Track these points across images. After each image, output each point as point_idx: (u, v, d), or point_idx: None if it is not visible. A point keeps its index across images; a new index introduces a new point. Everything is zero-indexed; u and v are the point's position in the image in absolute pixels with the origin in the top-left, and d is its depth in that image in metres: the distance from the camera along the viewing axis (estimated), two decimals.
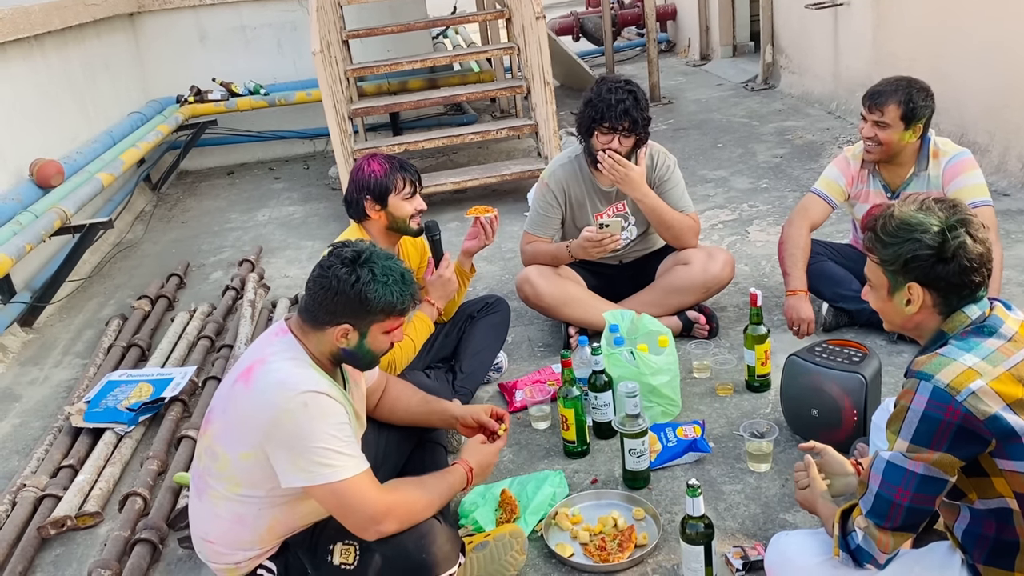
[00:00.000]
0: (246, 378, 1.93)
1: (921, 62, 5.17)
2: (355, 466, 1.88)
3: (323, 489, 1.86)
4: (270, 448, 1.87)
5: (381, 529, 1.91)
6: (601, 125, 3.14)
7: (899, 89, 3.02)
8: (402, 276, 1.98)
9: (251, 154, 7.48)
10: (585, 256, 3.24)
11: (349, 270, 1.93)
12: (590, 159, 3.27)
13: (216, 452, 1.96)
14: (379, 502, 1.90)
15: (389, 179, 2.78)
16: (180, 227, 5.93)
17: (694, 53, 9.56)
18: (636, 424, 2.46)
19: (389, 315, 1.97)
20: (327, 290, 1.93)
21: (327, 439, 1.86)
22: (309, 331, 1.99)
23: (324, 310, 1.95)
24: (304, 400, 1.86)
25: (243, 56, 7.11)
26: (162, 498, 2.72)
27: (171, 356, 3.74)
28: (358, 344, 1.98)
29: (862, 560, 1.79)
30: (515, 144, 6.61)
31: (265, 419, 1.86)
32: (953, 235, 1.70)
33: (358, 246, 2.00)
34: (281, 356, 1.94)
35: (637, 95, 3.16)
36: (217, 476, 1.96)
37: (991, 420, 1.61)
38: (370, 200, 2.79)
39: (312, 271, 2.00)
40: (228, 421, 1.95)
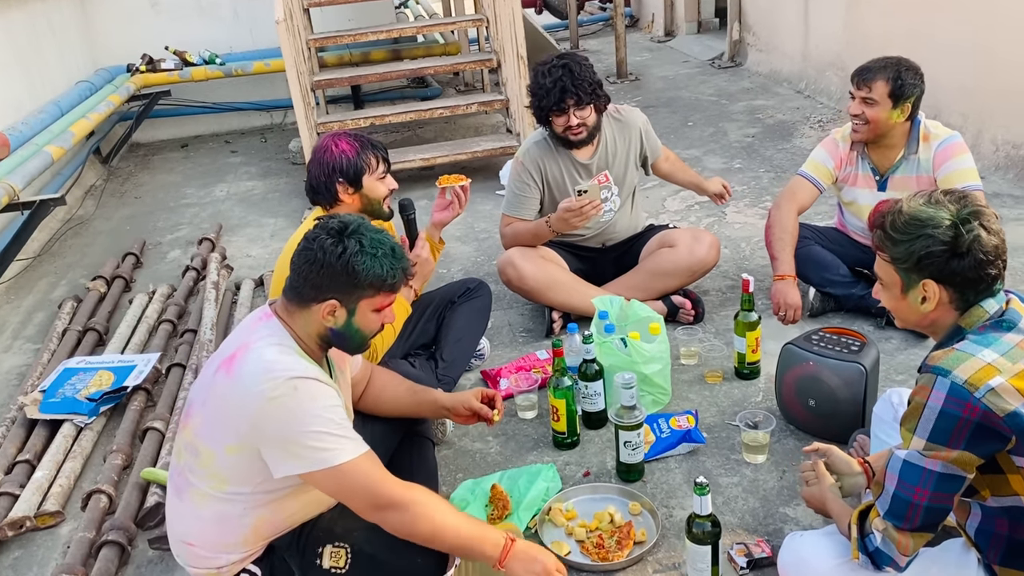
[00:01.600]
0: (228, 367, 1.80)
1: (895, 42, 5.14)
2: (354, 448, 1.77)
3: (322, 474, 1.75)
4: (259, 439, 1.76)
5: (384, 517, 1.80)
6: (550, 111, 3.09)
7: (888, 66, 2.97)
8: (392, 250, 1.85)
9: (206, 126, 7.21)
10: (567, 228, 3.11)
11: (336, 241, 1.80)
12: (559, 141, 3.20)
13: (198, 447, 1.83)
14: (383, 489, 1.79)
15: (361, 159, 2.56)
16: (134, 203, 5.67)
17: (658, 29, 9.47)
18: (632, 416, 2.38)
19: (379, 290, 1.84)
20: (312, 263, 1.80)
21: (320, 422, 1.75)
22: (295, 311, 1.86)
23: (310, 284, 1.82)
24: (293, 385, 1.74)
25: (198, 24, 6.81)
26: (129, 495, 2.56)
27: (131, 341, 3.55)
28: (346, 322, 1.85)
29: (882, 563, 1.73)
30: (483, 120, 6.46)
31: (252, 409, 1.74)
32: (967, 228, 1.64)
33: (346, 218, 1.86)
34: (266, 342, 1.81)
35: (572, 67, 3.05)
36: (200, 473, 1.83)
37: (1011, 417, 1.56)
38: (343, 183, 2.57)
39: (298, 244, 1.86)
40: (210, 413, 1.82)
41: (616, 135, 3.27)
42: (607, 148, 3.26)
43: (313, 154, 2.63)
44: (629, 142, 3.29)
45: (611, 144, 3.27)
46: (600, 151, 3.25)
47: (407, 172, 5.33)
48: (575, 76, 3.04)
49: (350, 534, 1.94)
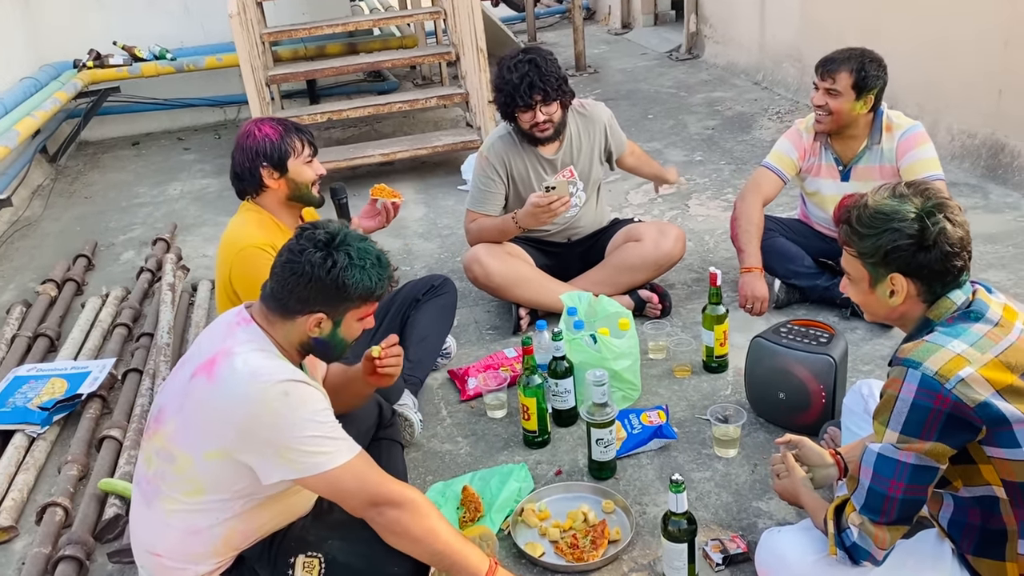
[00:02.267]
0: (208, 371, 1.74)
1: (850, 33, 5.18)
2: (348, 449, 1.75)
3: (318, 478, 1.73)
4: (247, 446, 1.71)
5: (380, 513, 1.77)
6: (516, 106, 3.05)
7: (852, 58, 2.98)
8: (378, 259, 1.82)
9: (158, 123, 7.03)
10: (534, 224, 3.08)
11: (324, 254, 1.76)
12: (524, 136, 3.16)
13: (173, 454, 1.77)
14: (380, 487, 1.77)
15: (286, 142, 2.47)
16: (84, 203, 5.51)
17: (615, 21, 9.46)
18: (604, 413, 2.35)
19: (366, 301, 1.82)
20: (300, 276, 1.75)
21: (313, 427, 1.72)
22: (276, 320, 1.81)
23: (296, 298, 1.77)
24: (284, 389, 1.70)
25: (147, 18, 6.64)
26: (86, 507, 2.47)
27: (84, 347, 3.44)
28: (331, 333, 1.83)
29: (859, 558, 1.73)
30: (442, 114, 6.39)
31: (240, 415, 1.69)
32: (932, 221, 1.64)
33: (330, 228, 1.82)
34: (248, 347, 1.76)
35: (538, 62, 3.02)
36: (173, 481, 1.77)
37: (981, 407, 1.57)
38: (268, 167, 2.47)
39: (279, 255, 1.81)
40: (188, 419, 1.76)
41: (581, 130, 3.25)
42: (572, 143, 3.23)
43: (236, 141, 2.52)
44: (593, 137, 3.27)
45: (576, 139, 3.24)
46: (565, 146, 3.22)
47: (366, 168, 5.25)
48: (542, 71, 3.00)
49: (323, 543, 1.89)
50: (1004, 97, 4.15)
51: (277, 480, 1.73)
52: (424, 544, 1.80)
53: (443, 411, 2.85)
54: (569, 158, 3.24)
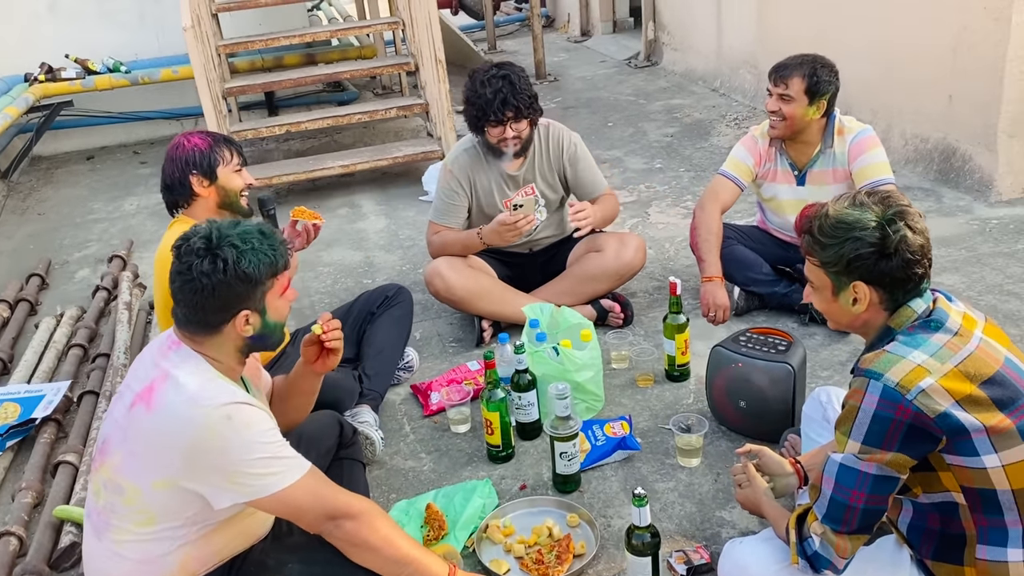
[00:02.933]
0: (147, 400, 1.70)
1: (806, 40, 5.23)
2: (298, 467, 1.73)
3: (270, 500, 1.71)
4: (194, 473, 1.68)
5: (337, 526, 1.76)
6: (487, 121, 3.04)
7: (804, 63, 3.02)
8: (261, 232, 1.78)
9: (112, 136, 6.91)
10: (499, 241, 3.10)
11: (211, 259, 1.71)
12: (490, 151, 3.16)
13: (121, 485, 1.73)
14: (335, 500, 1.77)
15: (215, 151, 2.52)
16: (37, 220, 5.40)
17: (574, 29, 9.51)
18: (567, 426, 2.35)
19: (275, 275, 1.79)
20: (202, 291, 1.71)
21: (260, 448, 1.70)
22: (203, 338, 1.77)
23: (211, 311, 1.74)
24: (226, 413, 1.68)
25: (100, 31, 6.52)
26: (41, 535, 2.41)
27: (38, 369, 3.36)
28: (263, 323, 1.80)
29: (820, 567, 1.75)
30: (403, 124, 6.37)
31: (183, 442, 1.66)
32: (893, 229, 1.67)
33: (200, 231, 1.77)
34: (183, 370, 1.72)
35: (512, 79, 3.03)
36: (124, 512, 1.74)
37: (941, 418, 1.59)
38: (197, 175, 2.51)
39: (171, 282, 1.77)
40: (132, 450, 1.72)
41: (543, 149, 3.24)
42: (535, 161, 3.23)
43: (166, 154, 2.56)
44: (555, 160, 3.26)
45: (539, 158, 3.24)
46: (528, 163, 3.22)
47: (326, 179, 5.22)
48: (515, 88, 3.01)
49: (283, 567, 1.87)
50: (954, 102, 4.23)
51: (228, 505, 1.71)
52: (383, 553, 1.79)
53: (406, 427, 2.83)
54: (532, 175, 3.24)
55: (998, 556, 1.66)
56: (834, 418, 1.86)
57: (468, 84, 3.11)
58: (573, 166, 3.26)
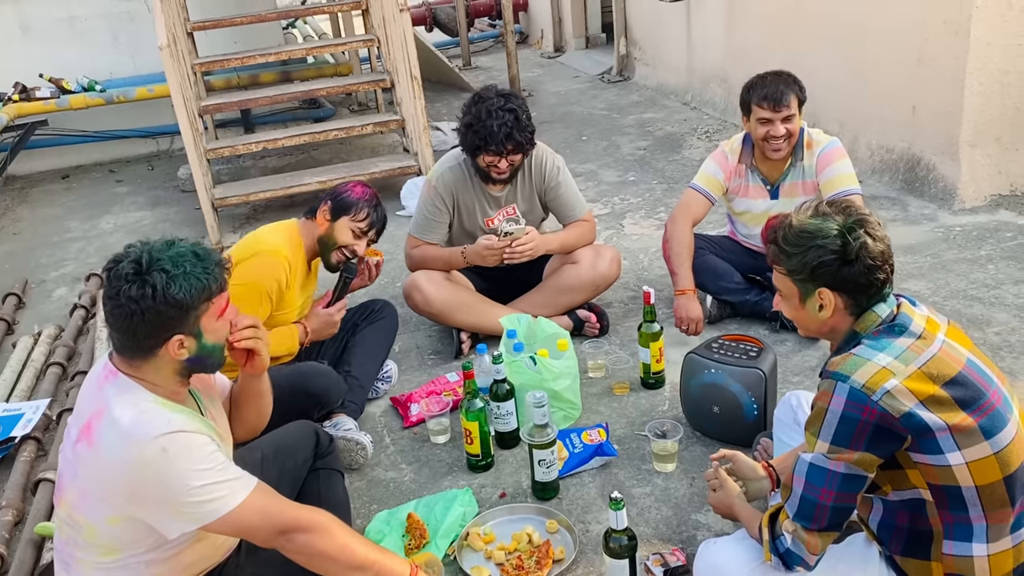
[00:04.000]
0: (88, 437, 1.70)
1: (774, 53, 5.37)
2: (242, 487, 1.72)
3: (219, 522, 1.70)
4: (140, 507, 1.68)
5: (290, 540, 1.75)
6: (487, 151, 3.08)
7: (787, 81, 3.10)
8: (195, 255, 1.75)
9: (88, 155, 6.89)
10: (482, 263, 3.18)
11: (139, 285, 1.68)
12: (478, 173, 3.21)
13: (78, 522, 1.74)
14: (284, 515, 1.76)
15: (357, 205, 2.77)
16: (12, 239, 5.38)
17: (548, 45, 9.61)
18: (545, 434, 2.40)
19: (210, 299, 1.77)
20: (131, 316, 1.69)
21: (200, 475, 1.68)
22: (140, 364, 1.75)
23: (143, 335, 1.71)
24: (161, 445, 1.65)
25: (74, 50, 6.52)
26: (22, 553, 2.42)
27: (16, 388, 3.37)
28: (198, 346, 1.77)
29: (792, 563, 1.80)
30: (379, 140, 6.41)
31: (124, 480, 1.66)
32: (853, 236, 1.73)
33: (131, 254, 1.74)
34: (117, 402, 1.70)
35: (518, 114, 3.08)
36: (85, 547, 1.75)
37: (906, 417, 1.64)
38: (329, 205, 2.79)
39: (103, 305, 1.76)
40: (82, 488, 1.72)
41: (526, 171, 3.29)
42: (517, 184, 3.29)
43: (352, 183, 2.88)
44: (535, 182, 3.31)
45: (522, 180, 3.29)
46: (511, 187, 3.28)
47: (303, 196, 5.23)
48: (520, 124, 3.06)
49: None
50: (917, 113, 4.34)
51: (179, 534, 1.71)
52: (342, 561, 1.79)
53: (386, 438, 2.86)
54: (513, 196, 3.30)
55: (963, 551, 1.72)
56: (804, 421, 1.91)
57: (472, 110, 3.11)
58: (553, 189, 3.30)
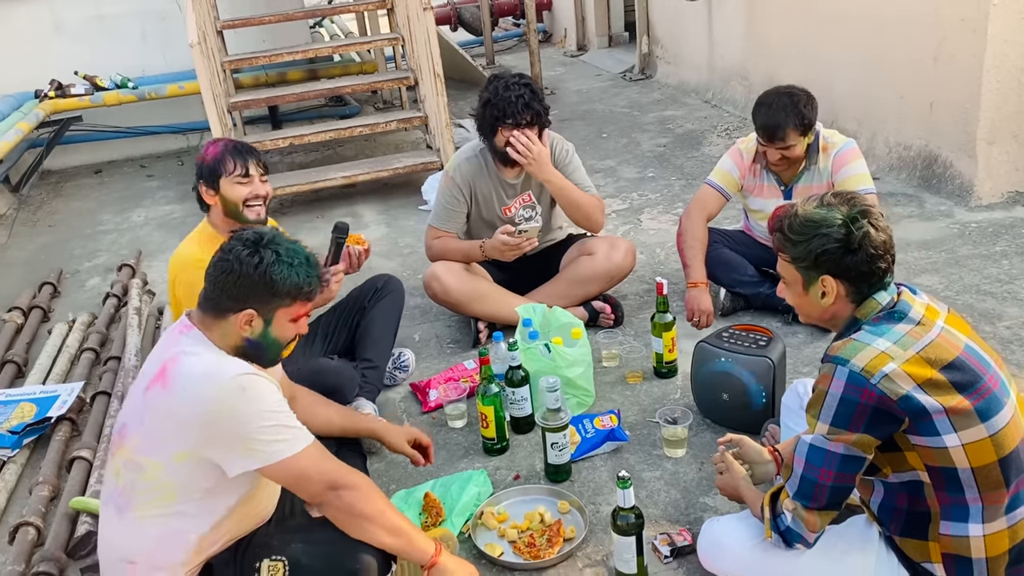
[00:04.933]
0: (162, 380, 1.83)
1: (793, 52, 5.42)
2: (304, 437, 1.86)
3: (279, 466, 1.82)
4: (211, 442, 1.80)
5: (337, 496, 1.87)
6: (504, 122, 3.15)
7: (789, 114, 3.04)
8: (307, 259, 1.91)
9: (120, 151, 7.08)
10: (499, 257, 3.24)
11: (251, 251, 1.84)
12: (495, 156, 3.27)
13: (141, 463, 1.85)
14: (337, 471, 1.89)
15: (220, 161, 2.58)
16: (47, 231, 5.55)
17: (571, 43, 9.68)
18: (558, 418, 2.48)
19: (295, 299, 1.90)
20: (229, 273, 1.84)
21: (272, 416, 1.82)
22: (212, 322, 1.89)
23: (227, 295, 1.85)
24: (240, 384, 1.80)
25: (106, 47, 6.69)
26: (58, 526, 2.54)
27: (52, 372, 3.50)
28: (263, 332, 1.90)
29: (792, 541, 1.87)
30: (403, 136, 6.52)
31: (199, 414, 1.78)
32: (856, 226, 1.79)
33: (260, 229, 1.91)
34: (194, 349, 1.85)
35: (533, 87, 3.18)
36: (144, 489, 1.86)
37: (903, 400, 1.70)
38: (203, 184, 2.61)
39: (213, 257, 1.90)
40: (149, 429, 1.84)
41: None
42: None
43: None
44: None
45: None
46: (526, 173, 3.35)
47: (329, 191, 5.36)
48: (536, 96, 3.16)
49: (287, 547, 1.98)
50: (935, 110, 4.37)
51: (240, 471, 1.82)
52: (378, 523, 1.90)
53: (406, 422, 2.95)
54: (528, 184, 3.37)
55: (960, 531, 1.77)
56: None
57: (489, 87, 3.22)
58: (564, 168, 3.36)
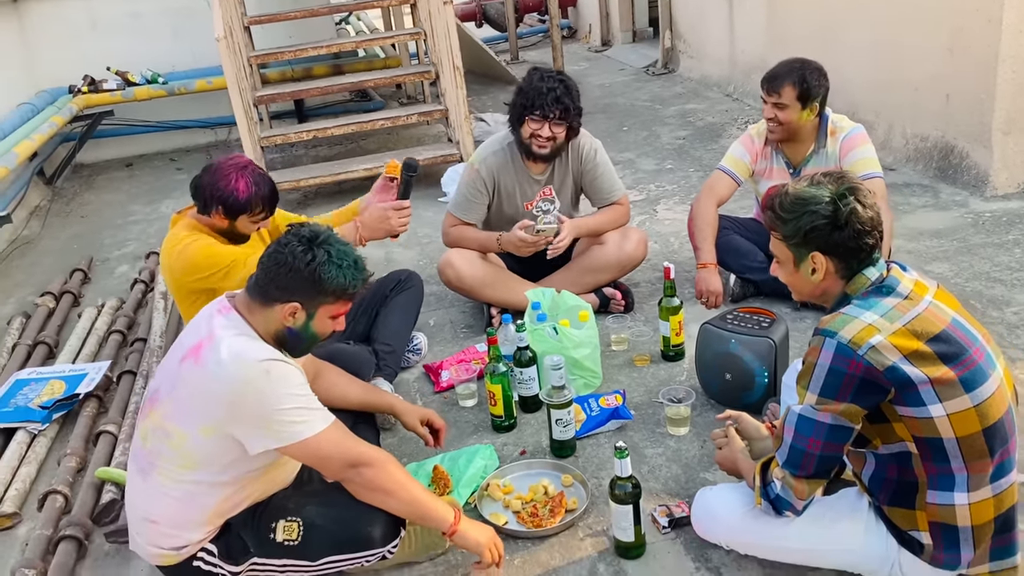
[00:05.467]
0: (196, 356, 1.93)
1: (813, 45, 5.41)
2: (324, 418, 1.95)
3: (299, 446, 1.92)
4: (235, 420, 1.90)
5: (357, 473, 1.98)
6: (532, 112, 3.20)
7: (793, 71, 3.17)
8: (355, 262, 2.01)
9: (150, 145, 7.26)
10: (515, 252, 3.31)
11: (305, 248, 1.95)
12: (522, 149, 3.34)
13: (168, 430, 1.95)
14: (356, 449, 1.99)
15: (249, 202, 2.66)
16: (79, 222, 5.72)
17: (595, 39, 9.73)
18: (562, 395, 2.55)
19: (339, 298, 2.01)
20: (281, 266, 1.95)
21: (293, 399, 1.92)
22: (256, 309, 1.99)
23: (276, 286, 1.96)
24: (265, 367, 1.90)
25: (138, 44, 6.88)
26: (84, 495, 2.65)
27: (81, 352, 3.64)
28: (304, 325, 2.01)
29: (781, 508, 1.92)
30: (425, 130, 6.62)
31: (226, 392, 1.88)
32: (844, 203, 1.84)
33: (316, 228, 2.02)
34: (229, 332, 1.95)
35: (568, 84, 3.23)
36: (170, 455, 1.96)
37: (889, 371, 1.75)
38: (220, 211, 2.67)
39: (268, 247, 2.02)
40: (180, 399, 1.95)
41: (565, 154, 3.42)
42: (557, 168, 3.43)
43: (216, 167, 2.68)
44: (572, 165, 3.44)
45: (561, 164, 3.43)
46: (551, 169, 3.42)
47: (351, 182, 5.47)
48: (570, 92, 3.22)
49: (302, 509, 2.09)
50: (951, 101, 4.37)
51: (262, 450, 1.92)
52: (397, 495, 2.01)
53: (418, 401, 3.04)
54: (551, 179, 3.44)
55: (946, 500, 1.82)
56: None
57: (526, 78, 3.28)
58: (590, 172, 3.42)
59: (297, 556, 2.05)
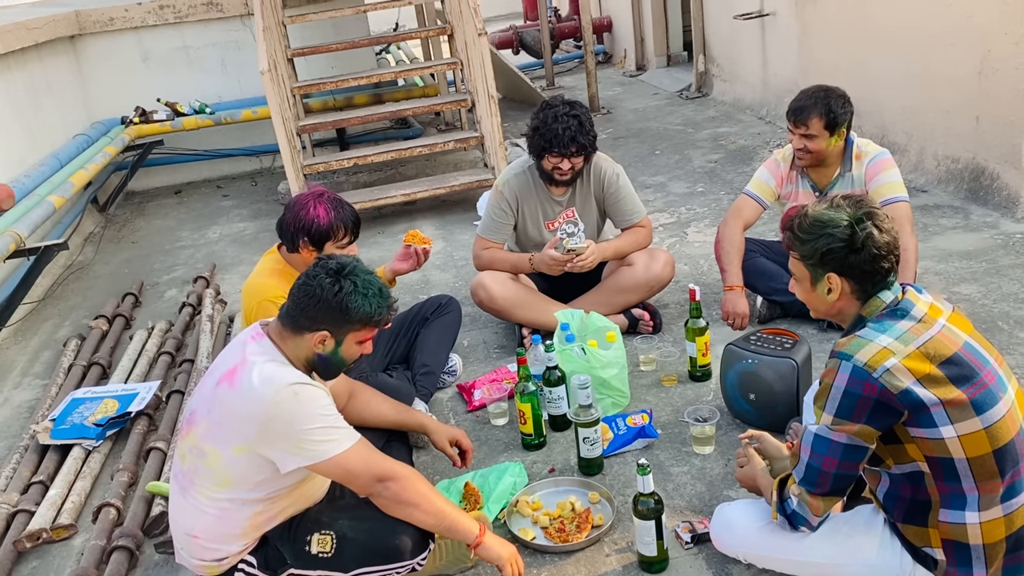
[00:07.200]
0: (230, 379, 2.06)
1: (844, 68, 5.48)
2: (350, 437, 2.07)
3: (327, 464, 2.03)
4: (266, 440, 2.01)
5: (385, 488, 2.08)
6: (551, 151, 3.34)
7: (819, 101, 3.23)
8: (380, 290, 2.12)
9: (198, 173, 7.51)
10: (546, 271, 3.43)
11: (333, 280, 2.07)
12: (543, 176, 3.46)
13: (204, 450, 2.08)
14: (382, 465, 2.10)
15: (331, 227, 2.75)
16: (131, 247, 5.95)
17: (630, 64, 9.84)
18: (589, 414, 2.64)
19: (366, 325, 2.12)
20: (311, 297, 2.07)
21: (320, 419, 2.03)
22: (288, 336, 2.12)
23: (306, 316, 2.08)
24: (294, 390, 2.02)
25: (187, 76, 7.15)
26: (135, 507, 2.80)
27: (133, 372, 3.81)
28: (333, 351, 2.12)
29: (797, 523, 1.99)
30: (462, 156, 6.77)
31: (258, 414, 2.00)
32: (861, 227, 1.91)
33: (343, 260, 2.14)
34: (261, 358, 2.08)
35: (582, 119, 3.34)
36: (205, 473, 2.08)
37: (903, 394, 1.80)
38: (306, 241, 2.77)
39: (298, 279, 2.14)
40: (215, 420, 2.07)
41: (586, 178, 3.53)
42: (578, 190, 3.54)
43: (295, 201, 2.81)
44: (594, 188, 3.55)
45: (583, 187, 3.55)
46: (572, 191, 3.54)
47: (390, 208, 5.63)
48: (584, 128, 3.33)
49: (335, 522, 2.20)
50: (981, 123, 4.40)
51: (293, 468, 2.04)
52: (424, 508, 2.11)
53: (451, 420, 3.15)
54: (573, 201, 3.56)
55: (957, 519, 1.87)
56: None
57: (540, 115, 3.39)
58: (612, 195, 3.53)
59: (331, 567, 2.16)
